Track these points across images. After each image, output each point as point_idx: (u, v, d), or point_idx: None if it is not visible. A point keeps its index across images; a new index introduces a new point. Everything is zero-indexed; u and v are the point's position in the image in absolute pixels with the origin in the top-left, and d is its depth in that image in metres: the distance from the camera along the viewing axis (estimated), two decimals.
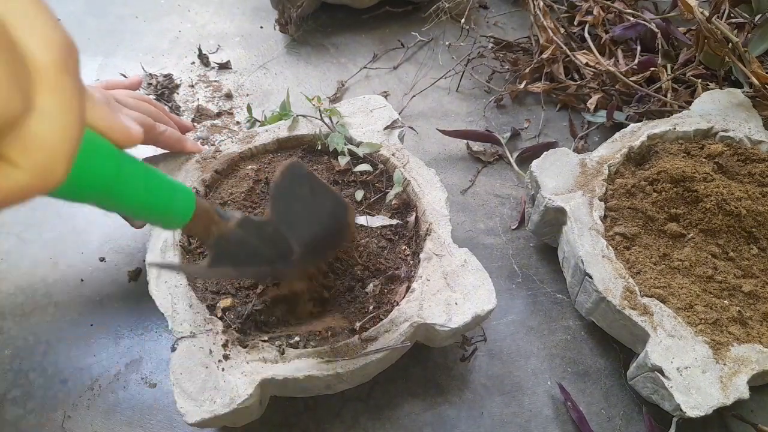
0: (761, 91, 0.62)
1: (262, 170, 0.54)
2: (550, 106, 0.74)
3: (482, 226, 0.60)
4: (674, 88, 0.69)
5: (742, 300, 0.46)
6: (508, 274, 0.56)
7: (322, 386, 0.41)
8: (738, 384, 0.40)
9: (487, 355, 0.50)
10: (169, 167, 0.51)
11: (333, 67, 0.78)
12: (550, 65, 0.75)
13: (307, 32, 0.83)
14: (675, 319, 0.43)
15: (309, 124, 0.56)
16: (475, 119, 0.72)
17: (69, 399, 0.45)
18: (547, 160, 0.54)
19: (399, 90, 0.75)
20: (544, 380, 0.48)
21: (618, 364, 0.49)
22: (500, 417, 0.46)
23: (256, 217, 0.32)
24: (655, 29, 0.73)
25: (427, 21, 0.83)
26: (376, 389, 0.47)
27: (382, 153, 0.54)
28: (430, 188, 0.51)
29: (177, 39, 0.81)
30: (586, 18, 0.79)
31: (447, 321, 0.42)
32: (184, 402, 0.37)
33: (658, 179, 0.52)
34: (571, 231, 0.49)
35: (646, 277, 0.47)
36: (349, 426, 0.45)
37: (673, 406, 0.40)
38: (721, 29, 0.61)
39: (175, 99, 0.71)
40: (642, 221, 0.51)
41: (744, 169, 0.54)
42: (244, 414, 0.39)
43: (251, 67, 0.77)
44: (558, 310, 0.53)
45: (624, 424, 0.46)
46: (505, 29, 0.87)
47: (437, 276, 0.44)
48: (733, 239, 0.50)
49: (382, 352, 0.40)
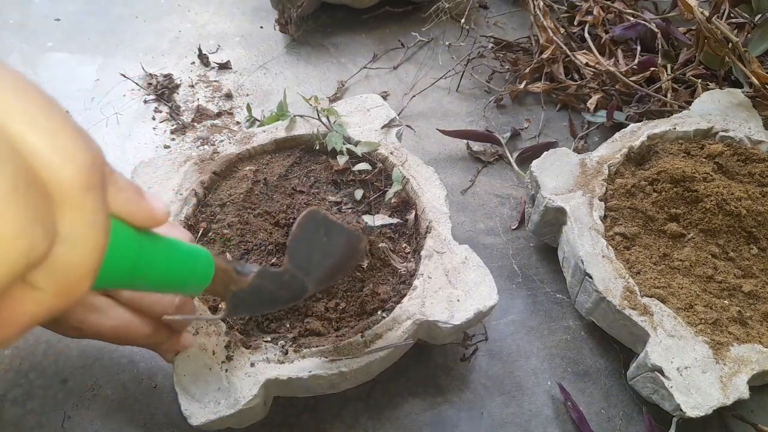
0: (761, 91, 0.62)
1: (260, 171, 0.54)
2: (550, 106, 0.74)
3: (482, 226, 0.60)
4: (674, 88, 0.69)
5: (742, 300, 0.46)
6: (508, 274, 0.56)
7: (326, 386, 0.41)
8: (738, 384, 0.40)
9: (487, 355, 0.50)
10: (167, 170, 0.51)
11: (333, 67, 0.78)
12: (550, 65, 0.75)
13: (307, 32, 0.83)
14: (675, 319, 0.43)
15: (306, 124, 0.56)
16: (475, 119, 0.72)
17: (69, 399, 0.45)
18: (547, 160, 0.54)
19: (399, 90, 0.75)
20: (544, 380, 0.48)
21: (618, 364, 0.49)
22: (500, 417, 0.46)
23: (272, 269, 0.32)
24: (655, 29, 0.73)
25: (427, 21, 0.83)
26: (376, 389, 0.47)
27: (381, 152, 0.54)
28: (429, 186, 0.51)
29: (177, 39, 0.81)
30: (586, 18, 0.79)
31: (449, 318, 0.42)
32: (188, 404, 0.37)
33: (658, 179, 0.52)
34: (571, 231, 0.49)
35: (646, 277, 0.47)
36: (349, 426, 0.45)
37: (673, 406, 0.40)
38: (721, 29, 0.61)
39: (175, 99, 0.71)
40: (642, 221, 0.51)
41: (744, 169, 0.54)
42: (248, 415, 0.39)
43: (251, 67, 0.77)
44: (558, 310, 0.53)
45: (624, 424, 0.46)
46: (505, 29, 0.87)
47: (438, 273, 0.45)
48: (733, 239, 0.50)
49: (386, 350, 0.40)
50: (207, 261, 0.29)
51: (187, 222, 0.48)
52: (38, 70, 0.75)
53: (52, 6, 0.86)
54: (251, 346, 0.40)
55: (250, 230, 0.48)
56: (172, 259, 0.26)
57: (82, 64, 0.76)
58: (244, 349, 0.40)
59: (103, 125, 0.68)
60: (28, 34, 0.80)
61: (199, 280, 0.28)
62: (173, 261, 0.26)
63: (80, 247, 0.18)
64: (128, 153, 0.65)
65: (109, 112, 0.70)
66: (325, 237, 0.34)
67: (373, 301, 0.44)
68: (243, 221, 0.49)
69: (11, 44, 0.78)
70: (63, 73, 0.75)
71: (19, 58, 0.76)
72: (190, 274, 0.27)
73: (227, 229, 0.48)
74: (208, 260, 0.29)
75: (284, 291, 0.33)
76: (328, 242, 0.35)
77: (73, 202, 0.18)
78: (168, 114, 0.69)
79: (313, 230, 0.33)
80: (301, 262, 0.33)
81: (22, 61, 0.76)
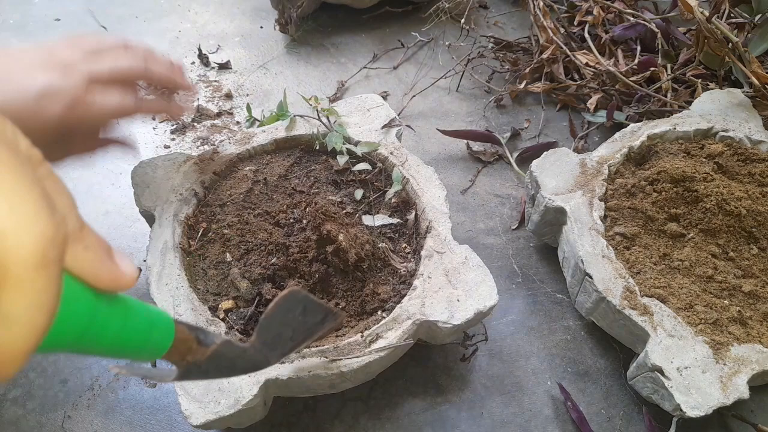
0: (761, 91, 0.62)
1: (260, 171, 0.54)
2: (550, 106, 0.74)
3: (482, 226, 0.60)
4: (674, 88, 0.69)
5: (742, 300, 0.46)
6: (508, 274, 0.56)
7: (326, 386, 0.41)
8: (738, 384, 0.40)
9: (487, 355, 0.50)
10: (166, 170, 0.51)
11: (333, 67, 0.78)
12: (550, 65, 0.75)
13: (307, 32, 0.83)
14: (675, 319, 0.43)
15: (306, 124, 0.56)
16: (475, 119, 0.72)
17: (69, 399, 0.45)
18: (547, 160, 0.54)
19: (399, 90, 0.75)
20: (544, 380, 0.48)
21: (618, 364, 0.49)
22: (500, 417, 0.46)
23: (238, 343, 0.30)
24: (655, 29, 0.73)
25: (427, 21, 0.83)
26: (376, 389, 0.47)
27: (381, 152, 0.54)
28: (429, 186, 0.51)
29: (177, 39, 0.81)
30: (586, 18, 0.79)
31: (449, 318, 0.42)
32: (188, 404, 0.37)
33: (658, 179, 0.52)
34: (571, 231, 0.49)
35: (646, 277, 0.47)
36: (349, 426, 0.45)
37: (673, 406, 0.40)
38: (721, 29, 0.61)
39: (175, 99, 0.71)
40: (642, 221, 0.51)
41: (744, 169, 0.54)
42: (248, 414, 0.39)
43: (251, 67, 0.77)
44: (558, 310, 0.53)
45: (624, 424, 0.46)
46: (505, 29, 0.87)
47: (438, 273, 0.45)
48: (733, 239, 0.50)
49: (386, 350, 0.40)
50: (166, 331, 0.26)
51: (187, 222, 0.48)
52: None
53: (52, 6, 0.86)
54: None
55: (250, 230, 0.48)
56: (127, 328, 0.23)
57: None
58: None
59: None
60: (28, 34, 0.80)
61: (152, 352, 0.26)
62: (127, 330, 0.23)
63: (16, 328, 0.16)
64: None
65: None
66: (301, 315, 0.33)
67: (373, 301, 0.44)
68: (243, 221, 0.49)
69: (11, 44, 0.78)
70: None
71: None
72: (145, 343, 0.25)
73: (227, 229, 0.48)
74: (167, 330, 0.27)
75: (244, 362, 0.31)
76: (303, 320, 0.34)
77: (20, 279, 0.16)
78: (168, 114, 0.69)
79: (291, 309, 0.33)
80: (270, 339, 0.32)
81: None
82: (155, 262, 0.44)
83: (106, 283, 0.21)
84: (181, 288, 0.43)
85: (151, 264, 0.44)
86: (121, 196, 0.60)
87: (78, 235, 0.20)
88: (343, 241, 0.44)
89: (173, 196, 0.49)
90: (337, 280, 0.45)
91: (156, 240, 0.46)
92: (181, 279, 0.44)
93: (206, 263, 0.47)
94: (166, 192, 0.49)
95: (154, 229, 0.47)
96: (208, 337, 0.29)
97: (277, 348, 0.33)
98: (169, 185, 0.50)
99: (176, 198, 0.49)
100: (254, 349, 0.31)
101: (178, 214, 0.48)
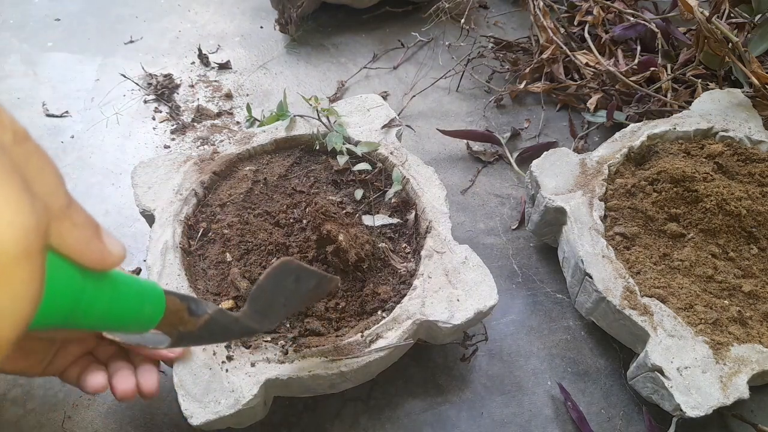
0: (761, 91, 0.62)
1: (260, 171, 0.54)
2: (550, 106, 0.74)
3: (482, 226, 0.60)
4: (674, 88, 0.69)
5: (742, 300, 0.46)
6: (508, 274, 0.56)
7: (326, 385, 0.41)
8: (738, 384, 0.40)
9: (487, 355, 0.50)
10: (167, 170, 0.51)
11: (333, 67, 0.78)
12: (550, 65, 0.75)
13: (307, 32, 0.83)
14: (675, 319, 0.43)
15: (306, 124, 0.56)
16: (475, 119, 0.72)
17: (69, 399, 0.45)
18: (547, 160, 0.54)
19: (399, 90, 0.75)
20: (544, 380, 0.48)
21: (618, 364, 0.49)
22: (500, 417, 0.46)
23: (229, 313, 0.31)
24: (655, 29, 0.73)
25: (427, 21, 0.83)
26: (376, 389, 0.47)
27: (381, 152, 0.54)
28: (429, 186, 0.51)
29: (177, 39, 0.81)
30: (586, 18, 0.79)
31: (449, 318, 0.42)
32: (188, 404, 0.37)
33: (658, 179, 0.52)
34: (571, 231, 0.49)
35: (646, 277, 0.47)
36: (349, 426, 0.45)
37: (673, 406, 0.40)
38: (721, 29, 0.61)
39: (175, 99, 0.71)
40: (642, 221, 0.51)
41: (744, 169, 0.54)
42: (249, 414, 0.39)
43: (251, 67, 0.77)
44: (558, 310, 0.53)
45: (624, 424, 0.46)
46: (505, 29, 0.87)
47: (438, 273, 0.45)
48: (733, 239, 0.50)
49: (386, 350, 0.40)
50: (157, 303, 0.27)
51: (187, 222, 0.48)
52: (38, 70, 0.75)
53: (52, 6, 0.86)
54: (251, 345, 0.40)
55: (250, 230, 0.48)
56: (117, 302, 0.24)
57: (82, 64, 0.76)
58: (244, 349, 0.40)
59: (103, 125, 0.68)
60: (28, 34, 0.80)
61: (143, 323, 0.27)
62: (117, 303, 0.24)
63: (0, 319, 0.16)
64: (128, 153, 0.65)
65: (109, 112, 0.70)
66: (293, 284, 0.33)
67: (373, 301, 0.44)
68: (243, 221, 0.49)
69: (11, 44, 0.78)
70: (63, 73, 0.75)
71: (19, 58, 0.76)
72: (135, 317, 0.25)
73: (227, 229, 0.48)
74: (158, 302, 0.27)
75: (238, 328, 0.32)
76: (295, 287, 0.34)
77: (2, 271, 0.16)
78: (168, 114, 0.69)
79: (282, 279, 0.33)
80: (262, 307, 0.32)
81: (22, 61, 0.76)
82: (155, 262, 0.44)
83: (93, 262, 0.21)
84: (181, 288, 0.43)
85: (152, 264, 0.44)
86: (121, 196, 0.60)
87: (65, 212, 0.20)
88: (343, 241, 0.44)
89: (173, 196, 0.49)
90: None
91: (156, 240, 0.46)
92: (182, 279, 0.44)
93: (206, 263, 0.47)
94: (166, 192, 0.49)
95: (154, 229, 0.47)
96: (200, 306, 0.29)
97: (269, 315, 0.33)
98: (169, 185, 0.50)
99: (176, 198, 0.49)
100: (247, 317, 0.32)
101: (178, 214, 0.48)
